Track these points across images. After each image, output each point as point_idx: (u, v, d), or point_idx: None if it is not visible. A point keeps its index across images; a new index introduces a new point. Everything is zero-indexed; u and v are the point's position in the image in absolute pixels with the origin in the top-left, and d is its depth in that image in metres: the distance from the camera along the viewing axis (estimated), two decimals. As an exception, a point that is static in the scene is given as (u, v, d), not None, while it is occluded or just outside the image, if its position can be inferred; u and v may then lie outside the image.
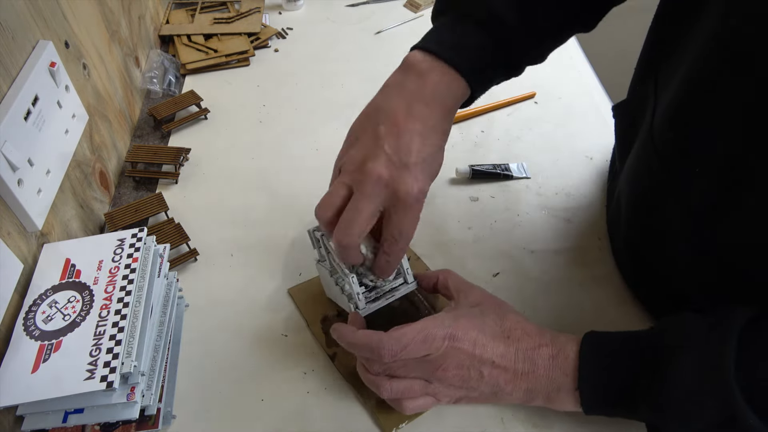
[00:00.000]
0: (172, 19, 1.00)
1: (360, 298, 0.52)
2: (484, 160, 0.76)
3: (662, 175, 0.51)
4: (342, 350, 0.56)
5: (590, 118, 0.83)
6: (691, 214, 0.48)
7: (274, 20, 1.04)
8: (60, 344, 0.46)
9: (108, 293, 0.50)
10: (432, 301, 0.59)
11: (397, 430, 0.51)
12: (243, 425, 0.52)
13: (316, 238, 0.55)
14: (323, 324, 0.58)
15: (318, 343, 0.57)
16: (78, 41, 0.65)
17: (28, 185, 0.51)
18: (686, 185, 0.48)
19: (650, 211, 0.55)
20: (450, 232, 0.68)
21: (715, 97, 0.44)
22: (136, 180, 0.74)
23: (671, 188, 0.50)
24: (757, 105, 0.40)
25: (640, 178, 0.57)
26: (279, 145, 0.79)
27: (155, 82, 0.86)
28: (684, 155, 0.48)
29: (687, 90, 0.47)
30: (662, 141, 0.51)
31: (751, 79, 0.40)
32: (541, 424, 0.51)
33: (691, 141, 0.47)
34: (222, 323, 0.59)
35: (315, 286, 0.62)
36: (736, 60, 0.42)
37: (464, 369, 0.48)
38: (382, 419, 0.51)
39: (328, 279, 0.57)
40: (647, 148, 0.54)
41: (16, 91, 0.51)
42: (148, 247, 0.54)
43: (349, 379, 0.54)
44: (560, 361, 0.47)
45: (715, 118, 0.44)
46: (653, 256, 0.57)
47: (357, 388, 0.53)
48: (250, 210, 0.70)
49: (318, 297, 0.61)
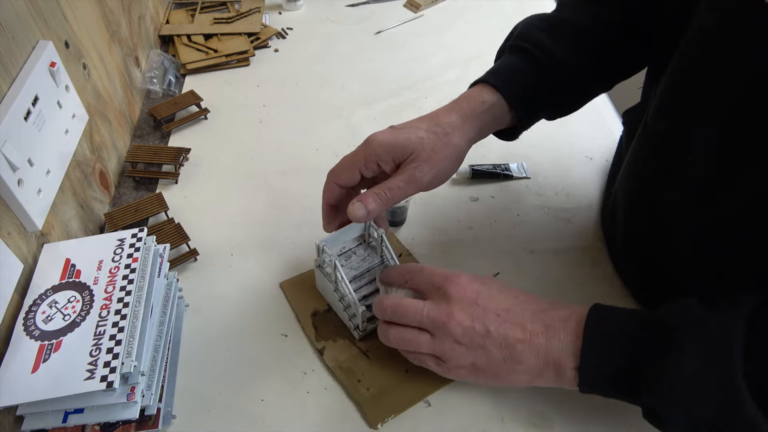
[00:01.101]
0: (172, 19, 1.00)
1: (364, 325, 0.55)
2: (484, 160, 0.76)
3: (655, 161, 0.52)
4: (331, 344, 0.56)
5: (590, 118, 0.83)
6: (689, 196, 0.49)
7: (274, 20, 1.04)
8: (60, 344, 0.46)
9: (108, 293, 0.50)
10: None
11: (383, 424, 0.51)
12: (243, 425, 0.52)
13: (321, 248, 0.56)
14: (313, 318, 0.59)
15: (307, 337, 0.57)
16: (78, 41, 0.65)
17: (28, 185, 0.51)
18: (680, 168, 0.49)
19: (648, 202, 0.56)
20: (450, 232, 0.68)
21: (704, 82, 0.46)
22: (136, 180, 0.74)
23: (666, 174, 0.51)
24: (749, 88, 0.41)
25: (637, 171, 0.57)
26: (279, 145, 0.79)
27: (155, 82, 0.86)
28: (677, 138, 0.49)
29: (676, 79, 0.49)
30: (654, 130, 0.52)
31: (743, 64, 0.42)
32: (541, 424, 0.51)
33: (682, 124, 0.49)
34: (222, 323, 0.59)
35: (307, 280, 0.62)
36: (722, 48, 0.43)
37: (468, 317, 0.47)
38: (368, 412, 0.51)
39: (326, 284, 0.58)
40: (640, 140, 0.55)
41: (16, 91, 0.51)
42: (148, 247, 0.54)
43: (338, 372, 0.54)
44: (572, 324, 0.46)
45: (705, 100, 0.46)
46: (653, 252, 0.57)
47: (345, 382, 0.54)
48: (250, 210, 0.70)
49: (309, 291, 0.61)
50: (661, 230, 0.54)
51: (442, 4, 1.08)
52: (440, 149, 0.53)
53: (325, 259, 0.56)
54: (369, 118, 0.83)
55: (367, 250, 0.59)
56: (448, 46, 0.97)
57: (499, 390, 0.53)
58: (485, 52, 0.93)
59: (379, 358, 0.55)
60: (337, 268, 0.54)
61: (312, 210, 0.70)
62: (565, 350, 0.45)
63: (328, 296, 0.59)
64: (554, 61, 0.57)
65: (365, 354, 0.56)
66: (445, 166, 0.53)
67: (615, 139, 0.78)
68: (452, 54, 0.96)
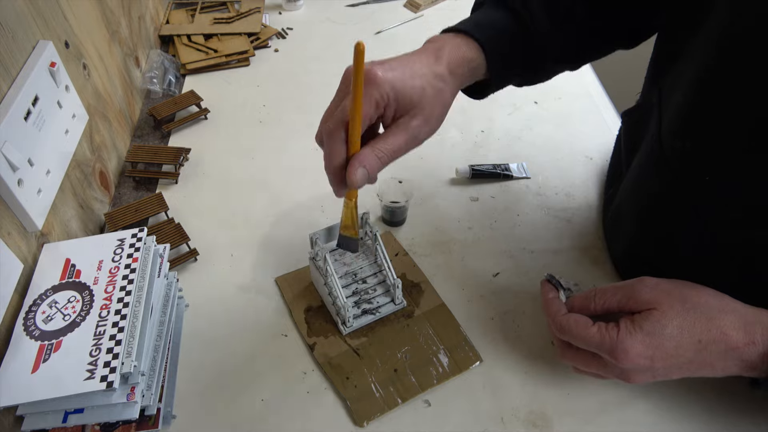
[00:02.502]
0: (172, 19, 1.00)
1: (350, 320, 0.56)
2: (484, 160, 0.76)
3: (671, 179, 0.50)
4: (322, 340, 0.56)
5: (590, 119, 0.83)
6: (705, 218, 0.47)
7: (274, 20, 1.04)
8: (60, 344, 0.46)
9: (108, 293, 0.50)
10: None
11: (369, 422, 0.51)
12: (243, 425, 0.52)
13: (314, 240, 0.57)
14: (306, 314, 0.59)
15: (298, 332, 0.58)
16: (78, 41, 0.65)
17: (28, 185, 0.51)
18: (698, 189, 0.47)
19: (660, 220, 0.54)
20: (450, 232, 0.68)
21: (726, 100, 0.43)
22: (136, 180, 0.74)
23: (683, 194, 0.49)
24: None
25: (649, 191, 0.55)
26: (279, 145, 0.79)
27: (155, 82, 0.86)
28: (697, 160, 0.47)
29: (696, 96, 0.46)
30: (672, 148, 0.49)
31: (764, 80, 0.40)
32: (541, 424, 0.51)
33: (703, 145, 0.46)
34: (222, 323, 0.59)
35: (303, 276, 0.62)
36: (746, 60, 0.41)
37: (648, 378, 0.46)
38: (355, 409, 0.52)
39: (318, 278, 0.58)
40: (653, 157, 0.52)
41: (16, 91, 0.51)
42: (148, 247, 0.54)
43: (327, 369, 0.55)
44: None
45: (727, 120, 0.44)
46: (661, 263, 0.55)
47: (334, 378, 0.54)
48: (249, 210, 0.70)
49: (304, 287, 0.61)
50: (671, 247, 0.53)
51: (442, 4, 1.08)
52: (437, 107, 0.48)
53: (317, 252, 0.57)
54: (369, 118, 0.83)
55: (361, 248, 0.59)
56: (448, 46, 0.97)
57: (499, 390, 0.53)
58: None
59: (369, 357, 0.55)
60: (327, 261, 0.54)
61: (312, 210, 0.70)
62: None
63: (320, 289, 0.60)
64: (541, 30, 0.53)
65: (356, 352, 0.56)
66: (437, 125, 0.49)
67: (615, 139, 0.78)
68: (452, 54, 0.95)
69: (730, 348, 0.43)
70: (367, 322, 0.58)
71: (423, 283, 0.62)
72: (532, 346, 0.57)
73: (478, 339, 0.57)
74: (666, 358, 0.44)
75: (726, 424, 0.51)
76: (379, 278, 0.60)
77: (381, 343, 0.56)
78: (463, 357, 0.55)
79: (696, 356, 0.44)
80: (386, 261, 0.58)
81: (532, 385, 0.54)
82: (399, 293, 0.58)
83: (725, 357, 0.43)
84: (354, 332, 0.57)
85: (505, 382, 0.54)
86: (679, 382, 0.53)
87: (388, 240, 0.66)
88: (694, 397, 0.52)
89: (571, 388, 0.53)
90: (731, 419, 0.51)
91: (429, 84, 0.47)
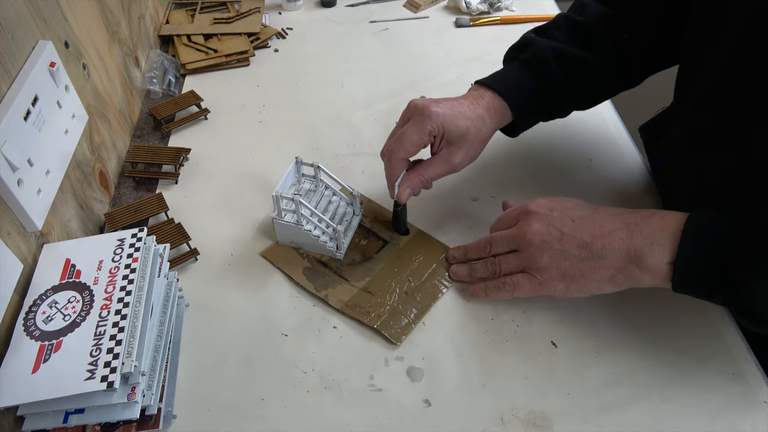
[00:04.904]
0: (172, 19, 1.00)
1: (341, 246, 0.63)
2: (485, 159, 0.76)
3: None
4: (331, 291, 0.61)
5: (590, 120, 0.83)
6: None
7: (274, 20, 1.04)
8: (60, 344, 0.46)
9: (108, 293, 0.50)
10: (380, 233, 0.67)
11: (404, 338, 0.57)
12: (243, 425, 0.52)
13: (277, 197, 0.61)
14: (306, 274, 0.62)
15: (305, 290, 0.61)
16: (78, 41, 0.65)
17: (27, 185, 0.51)
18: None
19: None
20: (450, 232, 0.68)
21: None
22: (136, 180, 0.74)
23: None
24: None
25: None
26: (279, 145, 0.79)
27: (155, 82, 0.86)
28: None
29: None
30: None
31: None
32: (541, 424, 0.51)
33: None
34: (222, 323, 0.59)
35: (282, 249, 0.65)
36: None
37: (544, 225, 0.52)
38: (389, 333, 0.57)
39: (293, 231, 0.62)
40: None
41: (16, 91, 0.51)
42: (148, 247, 0.54)
43: (347, 310, 0.59)
44: (655, 219, 0.47)
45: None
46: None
47: (357, 316, 0.58)
48: (250, 210, 0.70)
49: (290, 253, 0.65)
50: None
51: (442, 4, 1.08)
52: (478, 142, 0.59)
53: (283, 206, 0.61)
54: (369, 118, 0.83)
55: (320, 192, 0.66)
56: (447, 46, 0.97)
57: (499, 390, 0.53)
58: (485, 52, 0.93)
59: (380, 290, 0.60)
60: (302, 204, 0.59)
61: (312, 210, 0.70)
62: (648, 242, 0.47)
63: (299, 239, 0.63)
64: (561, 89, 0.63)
65: (366, 291, 0.60)
66: (475, 158, 0.61)
67: (615, 140, 0.78)
68: (452, 54, 0.96)
69: (617, 212, 0.51)
70: (350, 237, 0.64)
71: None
72: (532, 347, 0.57)
73: (478, 339, 0.57)
74: (563, 210, 0.53)
75: (726, 424, 0.51)
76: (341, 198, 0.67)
77: (383, 277, 0.62)
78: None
79: (589, 214, 0.52)
80: (338, 182, 0.64)
81: (532, 385, 0.54)
82: (357, 203, 0.66)
83: (613, 219, 0.50)
84: (356, 275, 0.62)
85: (505, 382, 0.54)
86: (679, 382, 0.53)
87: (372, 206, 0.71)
88: (694, 397, 0.52)
89: (571, 388, 0.53)
90: (731, 419, 0.51)
91: (473, 125, 0.58)
